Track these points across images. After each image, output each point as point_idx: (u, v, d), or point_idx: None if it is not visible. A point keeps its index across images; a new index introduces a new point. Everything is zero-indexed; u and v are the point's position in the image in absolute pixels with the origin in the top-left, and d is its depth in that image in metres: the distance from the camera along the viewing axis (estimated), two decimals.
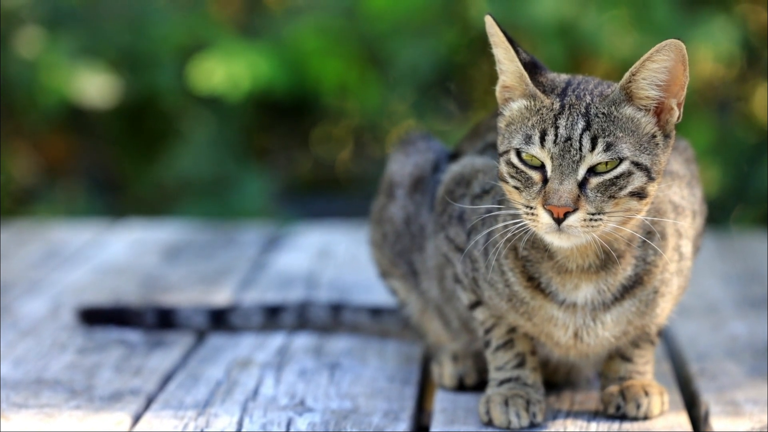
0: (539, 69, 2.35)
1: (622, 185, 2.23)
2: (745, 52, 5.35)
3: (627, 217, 2.26)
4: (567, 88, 2.29)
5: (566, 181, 2.22)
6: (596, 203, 2.22)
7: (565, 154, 2.23)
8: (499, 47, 2.31)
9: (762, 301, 3.35)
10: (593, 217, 2.22)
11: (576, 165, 2.22)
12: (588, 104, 2.25)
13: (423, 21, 5.37)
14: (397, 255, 2.73)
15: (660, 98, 2.26)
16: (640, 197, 2.25)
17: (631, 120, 2.25)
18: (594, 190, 2.23)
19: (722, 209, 5.05)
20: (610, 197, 2.23)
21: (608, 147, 2.22)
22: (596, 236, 2.26)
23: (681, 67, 2.24)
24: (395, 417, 2.52)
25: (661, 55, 2.22)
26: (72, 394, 2.64)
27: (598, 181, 2.23)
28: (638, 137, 2.25)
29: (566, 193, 2.22)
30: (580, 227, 2.22)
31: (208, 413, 2.53)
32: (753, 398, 2.60)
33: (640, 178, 2.24)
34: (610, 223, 2.24)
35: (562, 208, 2.21)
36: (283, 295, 3.39)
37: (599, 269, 2.34)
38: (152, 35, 5.46)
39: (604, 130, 2.23)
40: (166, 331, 3.06)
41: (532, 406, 2.46)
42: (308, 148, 6.02)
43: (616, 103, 2.26)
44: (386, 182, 2.77)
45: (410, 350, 2.93)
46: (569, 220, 2.22)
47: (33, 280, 3.56)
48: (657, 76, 2.24)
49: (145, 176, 5.68)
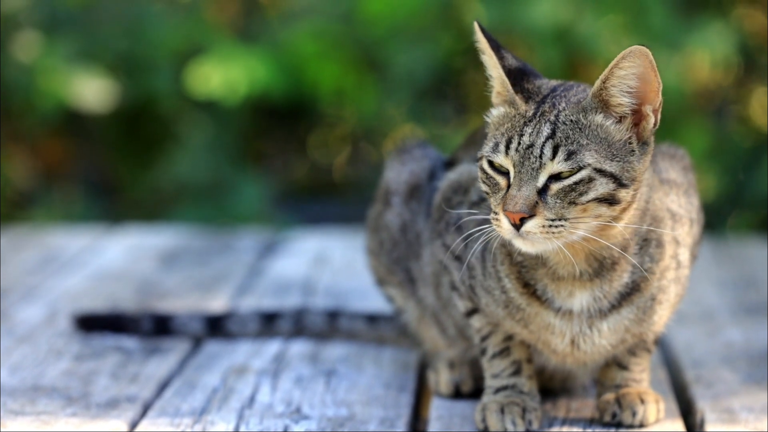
0: (527, 75, 2.36)
1: (582, 191, 2.23)
2: (741, 57, 5.36)
3: (603, 224, 2.26)
4: (549, 95, 2.30)
5: (524, 188, 2.23)
6: (556, 209, 2.23)
7: (524, 161, 2.24)
8: (485, 54, 2.34)
9: (758, 307, 3.35)
10: (553, 223, 2.23)
11: (536, 172, 2.23)
12: (559, 112, 2.26)
13: (420, 26, 5.37)
14: (394, 262, 2.74)
15: (633, 105, 2.27)
16: (610, 203, 2.24)
17: (600, 127, 2.26)
18: (554, 197, 2.23)
19: (719, 215, 5.05)
20: (570, 203, 2.23)
21: (569, 156, 2.23)
22: (589, 243, 2.27)
23: (651, 72, 2.24)
24: (391, 424, 2.52)
25: (627, 62, 2.23)
26: (68, 400, 2.64)
27: (558, 187, 2.23)
28: (607, 144, 2.25)
29: (522, 199, 2.23)
30: (539, 233, 2.23)
31: (204, 420, 2.53)
32: (748, 405, 2.61)
33: (605, 184, 2.23)
34: (578, 230, 2.24)
35: (518, 214, 2.22)
36: (279, 301, 3.40)
37: (593, 277, 2.35)
38: (150, 39, 5.46)
39: (567, 138, 2.24)
40: (162, 337, 3.06)
41: (528, 413, 2.46)
42: (305, 152, 6.02)
43: (587, 110, 2.26)
44: (382, 190, 2.78)
45: (406, 357, 2.93)
46: (526, 226, 2.23)
47: (29, 287, 3.57)
48: (627, 83, 2.25)
49: (142, 180, 5.68)
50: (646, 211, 2.34)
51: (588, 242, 2.28)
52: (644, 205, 2.33)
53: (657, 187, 2.40)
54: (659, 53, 4.95)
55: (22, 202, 5.74)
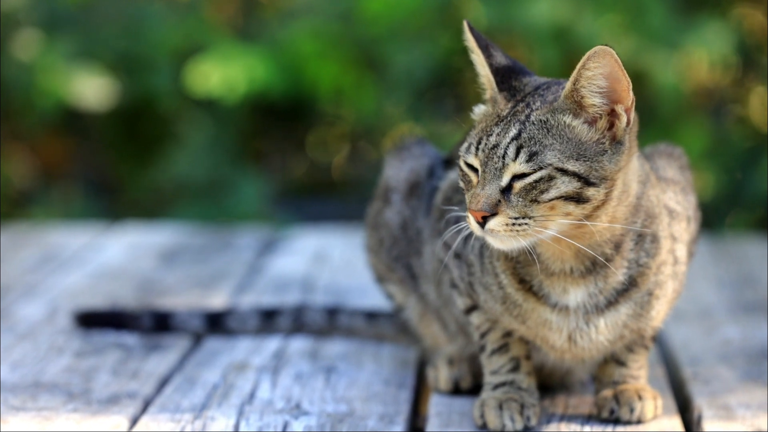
0: (517, 73, 2.37)
1: (543, 189, 2.24)
2: (740, 57, 5.37)
3: (576, 222, 2.27)
4: (529, 93, 2.32)
5: (488, 187, 2.26)
6: (518, 208, 2.25)
7: (488, 161, 2.27)
8: (473, 52, 2.37)
9: (755, 305, 3.36)
10: (516, 221, 2.25)
11: (500, 172, 2.26)
12: (531, 111, 2.28)
13: (419, 25, 5.38)
14: (394, 260, 2.75)
15: (605, 105, 2.27)
16: (577, 202, 2.25)
17: (567, 127, 2.27)
18: (517, 195, 2.25)
19: (716, 213, 5.06)
20: (532, 201, 2.24)
21: (531, 157, 2.24)
22: (577, 241, 2.28)
23: (618, 71, 2.25)
24: (390, 420, 2.53)
25: (592, 62, 2.24)
26: (69, 397, 2.66)
27: (521, 185, 2.25)
28: (573, 144, 2.25)
29: (484, 198, 2.25)
30: (503, 231, 2.25)
31: (204, 416, 2.54)
32: (746, 402, 2.62)
33: (568, 183, 2.24)
34: (548, 228, 2.26)
35: (480, 213, 2.25)
36: (279, 298, 3.40)
37: (586, 273, 2.36)
38: (149, 38, 5.47)
39: (531, 139, 2.25)
40: (162, 334, 3.07)
41: (527, 409, 2.47)
42: (304, 151, 6.03)
43: (557, 110, 2.27)
44: (382, 187, 2.79)
45: (405, 354, 2.94)
46: (490, 224, 2.25)
47: (30, 284, 3.58)
48: (596, 83, 2.26)
49: (141, 179, 5.68)
50: (639, 207, 2.35)
51: (575, 239, 2.29)
52: (635, 201, 2.34)
53: (654, 183, 2.41)
54: (658, 52, 4.97)
55: (22, 201, 5.75)
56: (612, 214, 2.30)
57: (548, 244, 2.31)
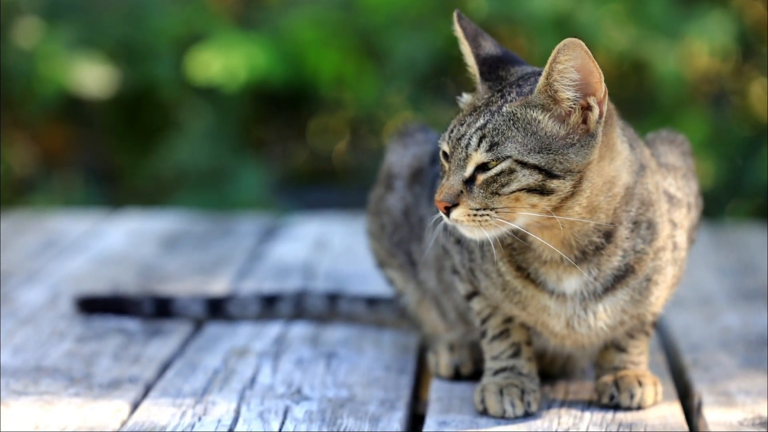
0: (506, 63, 2.39)
1: (504, 182, 2.25)
2: (740, 46, 5.37)
3: (543, 215, 2.27)
4: (511, 83, 2.33)
5: (452, 177, 2.28)
6: (480, 199, 2.26)
7: (455, 151, 2.29)
8: (461, 43, 2.40)
9: (755, 293, 3.37)
10: (477, 212, 2.26)
11: (464, 162, 2.28)
12: (504, 102, 2.30)
13: (420, 13, 5.38)
14: (395, 245, 2.75)
15: (578, 98, 2.27)
16: (541, 194, 2.26)
17: (534, 121, 2.27)
18: (479, 187, 2.27)
19: (717, 202, 5.06)
20: (494, 194, 2.26)
21: (491, 147, 2.26)
22: (569, 230, 2.29)
23: (589, 63, 2.24)
24: (391, 405, 2.54)
25: (563, 55, 2.24)
26: (71, 381, 2.66)
27: (483, 177, 2.26)
28: (538, 138, 2.26)
29: (447, 188, 2.28)
30: (466, 221, 2.27)
31: (205, 401, 2.55)
32: (746, 389, 2.63)
33: (529, 176, 2.24)
34: (514, 220, 2.26)
35: (442, 203, 2.27)
36: (279, 285, 3.41)
37: (578, 262, 2.35)
38: (150, 26, 5.47)
39: (495, 129, 2.27)
40: (163, 320, 3.08)
41: (527, 395, 2.48)
42: (305, 139, 6.03)
43: (529, 104, 2.28)
44: (385, 173, 2.79)
45: (406, 340, 2.95)
46: (453, 214, 2.27)
47: (31, 270, 3.58)
48: (568, 76, 2.26)
49: (142, 167, 5.69)
50: (632, 196, 2.35)
51: (551, 230, 2.30)
52: (624, 191, 2.33)
53: (654, 170, 2.42)
54: (659, 42, 4.97)
55: (23, 188, 5.75)
56: (588, 205, 2.30)
57: (535, 232, 2.31)
